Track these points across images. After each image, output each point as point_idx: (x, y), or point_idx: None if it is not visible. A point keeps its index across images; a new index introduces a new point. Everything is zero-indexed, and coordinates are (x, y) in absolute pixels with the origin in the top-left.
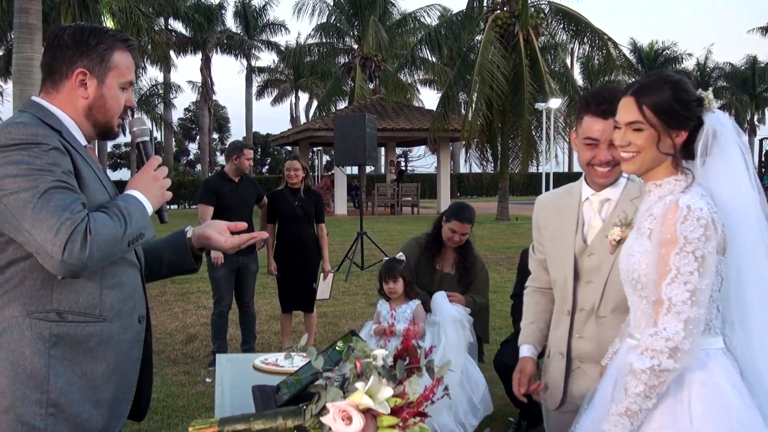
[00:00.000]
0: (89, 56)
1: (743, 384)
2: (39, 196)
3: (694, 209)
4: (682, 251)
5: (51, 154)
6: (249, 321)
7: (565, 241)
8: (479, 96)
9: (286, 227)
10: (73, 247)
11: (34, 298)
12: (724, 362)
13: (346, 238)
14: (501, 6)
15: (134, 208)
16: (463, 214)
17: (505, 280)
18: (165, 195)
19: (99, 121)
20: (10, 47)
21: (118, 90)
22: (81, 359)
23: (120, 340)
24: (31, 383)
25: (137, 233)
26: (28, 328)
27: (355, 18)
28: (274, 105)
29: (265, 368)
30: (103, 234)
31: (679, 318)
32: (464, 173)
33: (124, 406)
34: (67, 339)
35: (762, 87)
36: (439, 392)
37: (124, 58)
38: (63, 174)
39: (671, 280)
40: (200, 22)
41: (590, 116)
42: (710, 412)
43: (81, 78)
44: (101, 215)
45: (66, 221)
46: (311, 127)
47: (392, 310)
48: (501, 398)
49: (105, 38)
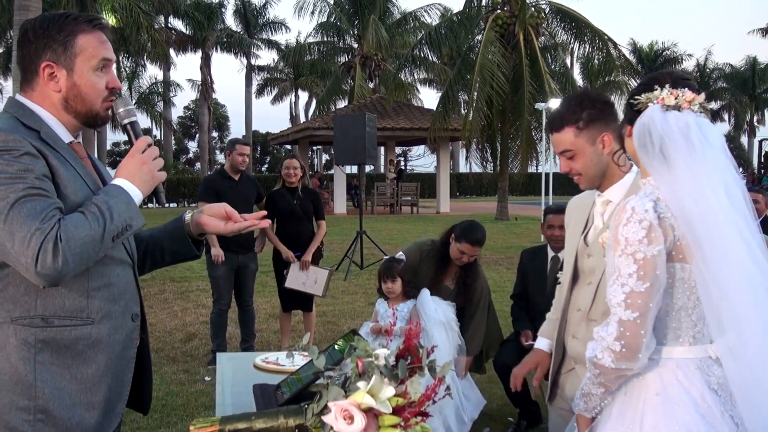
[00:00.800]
0: (52, 47)
1: (718, 397)
2: (10, 206)
3: (638, 211)
4: (623, 253)
5: (23, 160)
6: (248, 320)
7: (574, 241)
8: (479, 96)
9: (285, 226)
10: (45, 257)
11: (18, 304)
12: (690, 374)
13: (345, 237)
14: (501, 6)
15: (117, 200)
16: (476, 237)
17: (505, 280)
18: (157, 176)
19: (79, 111)
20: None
21: (92, 74)
22: (69, 363)
23: (111, 341)
24: (18, 390)
25: (122, 226)
26: (13, 334)
27: (356, 17)
28: (274, 104)
29: (266, 367)
30: (76, 238)
31: (613, 319)
32: (464, 173)
33: (119, 406)
34: (54, 344)
35: (762, 88)
36: (440, 392)
37: (90, 39)
38: (36, 180)
39: (612, 281)
40: (200, 20)
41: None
42: (661, 424)
43: (49, 71)
44: (75, 217)
45: (36, 231)
46: (311, 126)
47: (392, 309)
48: (500, 398)
49: (66, 24)
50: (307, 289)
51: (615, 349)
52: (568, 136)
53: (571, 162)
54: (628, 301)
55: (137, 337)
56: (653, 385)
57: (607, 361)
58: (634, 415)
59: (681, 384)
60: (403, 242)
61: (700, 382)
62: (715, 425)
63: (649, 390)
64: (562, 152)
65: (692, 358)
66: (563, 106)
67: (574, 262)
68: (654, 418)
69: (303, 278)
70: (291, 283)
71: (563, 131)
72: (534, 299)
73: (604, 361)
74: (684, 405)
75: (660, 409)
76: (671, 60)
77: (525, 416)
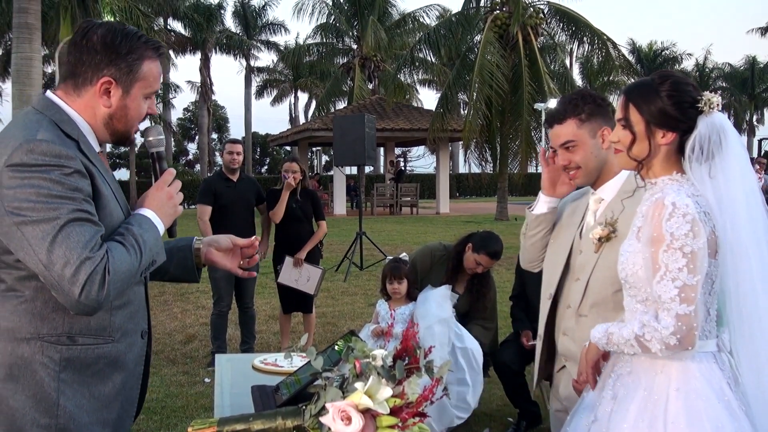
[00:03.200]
0: (117, 65)
1: (731, 390)
2: (59, 228)
3: (679, 206)
4: (670, 248)
5: (72, 179)
6: (248, 321)
7: (567, 236)
8: (478, 96)
9: (285, 227)
10: (91, 288)
11: (46, 321)
12: (710, 366)
13: (345, 238)
14: (500, 6)
15: (149, 235)
16: (495, 249)
17: (504, 280)
18: (177, 211)
19: (118, 129)
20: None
21: (142, 100)
22: (89, 381)
23: (126, 359)
24: (41, 408)
25: (149, 262)
26: (39, 351)
27: (355, 18)
28: (274, 105)
29: (265, 368)
30: (121, 272)
31: (669, 314)
32: (463, 173)
33: (128, 422)
34: (77, 362)
35: (761, 87)
36: (438, 392)
37: (153, 67)
38: (84, 201)
39: (660, 278)
40: (199, 21)
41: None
42: (684, 416)
43: (106, 87)
44: (119, 249)
45: (86, 261)
46: (310, 127)
47: (392, 311)
48: (500, 398)
49: (136, 46)
50: (299, 287)
51: (670, 343)
52: (570, 128)
53: (571, 154)
54: (682, 295)
55: (144, 354)
56: (675, 380)
57: (655, 347)
58: (656, 410)
59: (703, 377)
60: (402, 243)
61: (719, 375)
62: (737, 416)
63: (671, 384)
64: (564, 144)
65: (709, 352)
66: (564, 101)
67: (567, 258)
68: (677, 412)
69: (296, 275)
70: (283, 279)
71: (565, 123)
72: (533, 300)
73: (653, 346)
74: (706, 397)
75: (682, 403)
76: (670, 60)
77: (525, 416)
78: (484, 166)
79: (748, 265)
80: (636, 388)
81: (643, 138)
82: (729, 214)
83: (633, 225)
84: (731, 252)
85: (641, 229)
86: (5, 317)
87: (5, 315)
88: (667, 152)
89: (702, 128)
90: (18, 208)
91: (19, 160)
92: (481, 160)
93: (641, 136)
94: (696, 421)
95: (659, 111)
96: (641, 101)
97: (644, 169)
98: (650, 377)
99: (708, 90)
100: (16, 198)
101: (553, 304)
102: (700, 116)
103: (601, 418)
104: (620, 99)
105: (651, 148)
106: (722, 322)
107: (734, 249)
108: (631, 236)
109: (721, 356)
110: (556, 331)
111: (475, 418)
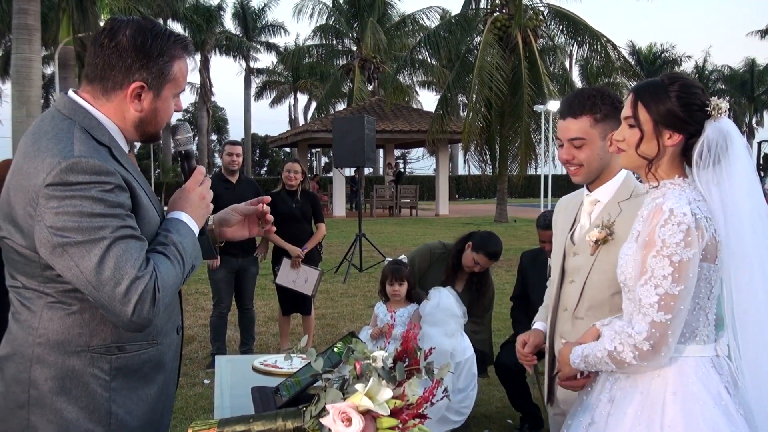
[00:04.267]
0: (149, 69)
1: (729, 394)
2: (105, 249)
3: (676, 213)
4: (659, 254)
5: (113, 195)
6: (248, 323)
7: (560, 240)
8: (478, 98)
9: (284, 228)
10: (143, 307)
11: (96, 333)
12: (707, 370)
13: (344, 239)
14: (500, 8)
15: (187, 241)
16: (494, 250)
17: (504, 281)
18: (209, 211)
19: (148, 131)
20: (8, 48)
21: (170, 100)
22: (136, 386)
23: (166, 359)
24: (95, 418)
25: (190, 267)
26: (90, 363)
27: (355, 20)
28: (273, 106)
29: (265, 369)
30: (168, 287)
31: (645, 319)
32: (463, 175)
33: (167, 419)
34: (126, 370)
35: (760, 90)
36: (438, 394)
37: (183, 67)
38: (126, 216)
39: (644, 281)
40: (199, 23)
41: (558, 118)
42: (681, 420)
43: (138, 92)
44: (165, 264)
45: (136, 280)
46: (310, 129)
47: (391, 313)
48: (500, 400)
49: (167, 47)
50: (297, 288)
51: (643, 348)
52: (584, 125)
53: (576, 151)
54: (661, 303)
55: (180, 349)
56: (672, 384)
57: (628, 357)
58: (653, 414)
59: (700, 381)
60: (402, 244)
61: (716, 379)
62: (735, 421)
63: (667, 388)
64: (573, 139)
65: (707, 356)
66: (583, 96)
67: (562, 262)
68: (674, 415)
69: (294, 276)
70: (281, 280)
71: (580, 118)
72: (535, 301)
73: (625, 356)
74: (703, 402)
75: (679, 407)
76: (670, 62)
77: (527, 419)
78: (484, 167)
79: (750, 274)
80: (633, 392)
81: (651, 137)
82: (733, 221)
83: (633, 228)
84: (734, 259)
85: (641, 234)
86: (55, 330)
87: (54, 329)
88: (672, 154)
89: (710, 133)
90: (62, 229)
91: (59, 180)
92: (481, 162)
93: (650, 135)
94: (693, 425)
95: (668, 111)
96: (650, 100)
97: (648, 172)
98: (647, 381)
99: (707, 92)
100: (58, 219)
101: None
102: (708, 121)
103: (599, 421)
104: (629, 97)
105: (660, 148)
106: (721, 326)
107: (738, 257)
108: (631, 240)
109: (719, 361)
110: (555, 335)
111: (474, 420)
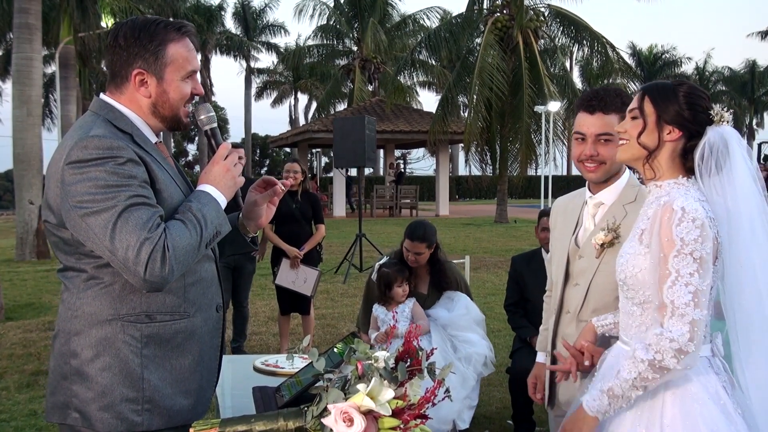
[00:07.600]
0: (143, 56)
1: (727, 393)
2: (118, 215)
3: (688, 210)
4: (680, 253)
5: (127, 167)
6: (241, 320)
7: (563, 243)
8: (479, 98)
9: (284, 228)
10: (153, 266)
11: (125, 302)
12: (705, 370)
13: (344, 240)
14: (501, 9)
15: (209, 208)
16: (414, 232)
17: (504, 282)
18: (238, 182)
19: (166, 115)
20: (9, 47)
21: (180, 82)
22: (170, 355)
23: (202, 332)
24: (128, 383)
25: (213, 233)
26: (121, 330)
27: (355, 20)
28: (274, 106)
29: (266, 369)
30: (181, 247)
31: (683, 320)
32: (463, 175)
33: (209, 392)
34: (157, 338)
35: (761, 91)
36: (440, 394)
37: (179, 49)
38: (139, 187)
39: (672, 283)
40: (200, 23)
41: (580, 112)
42: (681, 420)
43: (140, 79)
44: (178, 226)
45: (145, 241)
46: (310, 129)
47: (393, 312)
48: (499, 401)
49: (157, 33)
50: (296, 288)
51: (688, 351)
52: (614, 121)
53: (602, 147)
54: (695, 300)
55: (221, 327)
56: (670, 384)
57: (671, 363)
58: (652, 414)
59: (698, 380)
60: None
61: (714, 379)
62: (733, 420)
63: (666, 388)
64: (601, 134)
65: (703, 356)
66: (615, 92)
67: (566, 264)
68: (673, 415)
69: (293, 276)
70: (281, 281)
71: (610, 114)
72: (535, 303)
73: (668, 363)
74: (702, 401)
75: (679, 407)
76: (670, 63)
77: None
78: (484, 168)
79: (753, 279)
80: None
81: (653, 129)
82: (737, 227)
83: (635, 227)
84: (737, 264)
85: (645, 232)
86: (88, 303)
87: (88, 301)
88: (671, 152)
89: (711, 136)
90: (80, 201)
91: (76, 157)
92: (481, 163)
93: (652, 127)
94: (692, 425)
95: (673, 108)
96: (658, 96)
97: (648, 167)
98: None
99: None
100: (77, 192)
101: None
102: (710, 126)
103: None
104: (637, 94)
105: (659, 141)
106: (714, 325)
107: (741, 262)
108: (632, 238)
109: (716, 360)
110: (557, 339)
111: (474, 420)
